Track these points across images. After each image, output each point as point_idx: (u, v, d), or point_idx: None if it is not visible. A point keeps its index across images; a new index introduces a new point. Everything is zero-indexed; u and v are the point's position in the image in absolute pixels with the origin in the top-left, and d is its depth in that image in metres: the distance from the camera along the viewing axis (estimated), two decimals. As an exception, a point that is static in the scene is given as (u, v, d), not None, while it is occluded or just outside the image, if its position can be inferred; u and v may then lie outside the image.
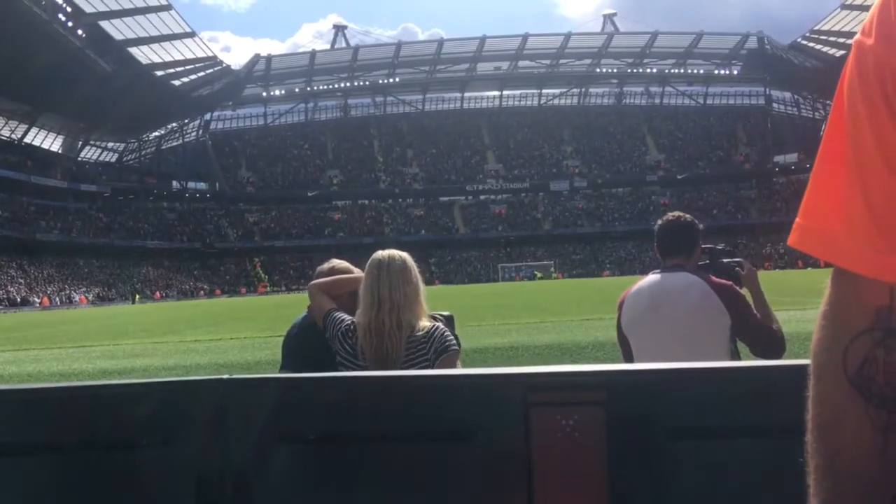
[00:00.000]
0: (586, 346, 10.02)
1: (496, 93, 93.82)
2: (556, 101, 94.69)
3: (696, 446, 1.54)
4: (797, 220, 0.68)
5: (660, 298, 2.79)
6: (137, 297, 59.80)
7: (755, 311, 2.74)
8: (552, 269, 71.74)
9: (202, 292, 66.99)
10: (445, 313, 2.76)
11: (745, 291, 2.82)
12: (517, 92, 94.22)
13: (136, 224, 73.23)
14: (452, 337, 2.43)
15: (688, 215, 2.94)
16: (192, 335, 16.40)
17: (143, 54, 61.73)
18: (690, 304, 2.69)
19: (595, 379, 1.62)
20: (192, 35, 62.67)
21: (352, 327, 2.46)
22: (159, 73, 65.89)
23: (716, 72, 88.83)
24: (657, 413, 1.55)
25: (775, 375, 1.58)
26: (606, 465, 1.51)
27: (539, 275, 69.78)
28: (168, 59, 64.06)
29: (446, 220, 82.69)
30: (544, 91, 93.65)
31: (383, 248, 2.61)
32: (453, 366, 2.38)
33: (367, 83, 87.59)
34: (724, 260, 2.98)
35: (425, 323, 2.41)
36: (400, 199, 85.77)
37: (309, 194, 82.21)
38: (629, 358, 2.86)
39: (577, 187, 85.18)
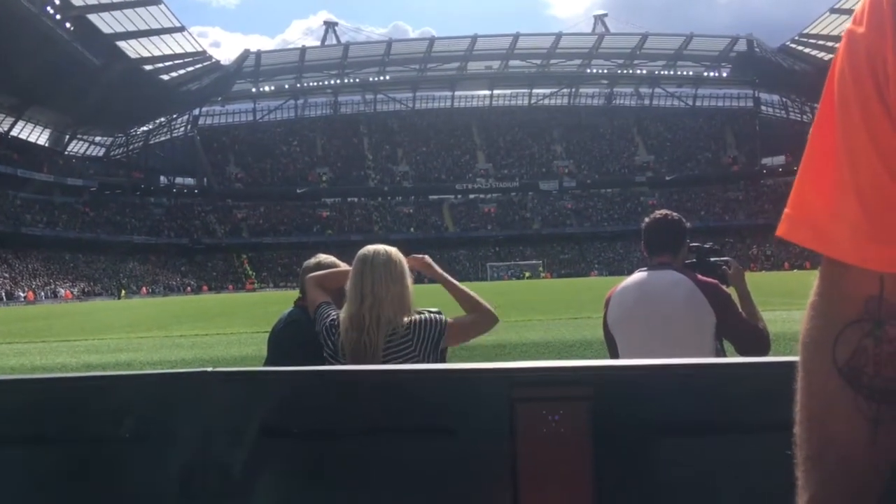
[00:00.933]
0: (573, 343, 10.05)
1: (487, 92, 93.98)
2: (546, 101, 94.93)
3: (683, 442, 1.54)
4: (786, 210, 0.67)
5: (646, 296, 2.79)
6: (123, 292, 59.43)
7: (741, 310, 2.75)
8: (540, 269, 71.92)
9: (189, 288, 66.66)
10: (434, 310, 2.76)
11: (731, 290, 2.83)
12: (508, 91, 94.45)
13: (122, 219, 72.75)
14: (432, 314, 2.42)
15: (675, 213, 2.93)
16: (178, 330, 16.32)
17: (132, 48, 61.34)
18: (676, 303, 2.69)
19: (580, 374, 1.62)
20: (181, 30, 62.30)
21: (335, 322, 2.45)
22: (148, 67, 65.49)
23: (705, 74, 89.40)
24: (643, 408, 1.55)
25: (761, 372, 1.58)
26: (592, 460, 1.50)
27: (527, 274, 69.95)
28: (157, 53, 63.71)
29: (435, 219, 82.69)
30: (535, 91, 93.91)
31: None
32: (460, 329, 2.45)
33: (358, 80, 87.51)
34: (711, 259, 2.98)
35: (404, 319, 2.39)
36: (389, 198, 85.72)
37: (298, 191, 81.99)
38: (615, 355, 2.86)
39: (567, 187, 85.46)
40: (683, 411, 1.55)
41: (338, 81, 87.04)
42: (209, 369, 1.71)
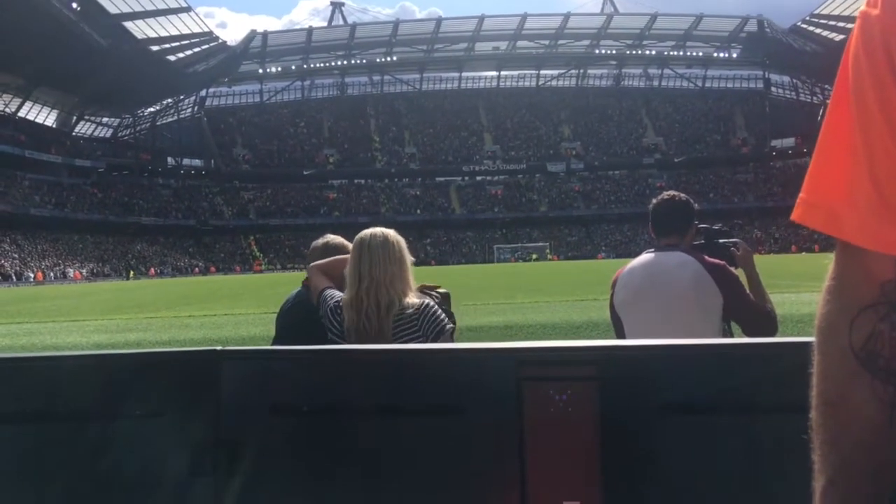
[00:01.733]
0: (580, 325, 10.06)
1: (494, 73, 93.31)
2: (554, 83, 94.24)
3: (689, 422, 1.54)
4: (801, 195, 0.67)
5: (653, 278, 2.78)
6: (132, 273, 59.76)
7: (748, 292, 2.74)
8: (547, 251, 71.85)
9: (197, 269, 66.95)
10: (442, 290, 2.77)
11: (739, 272, 2.82)
12: (515, 72, 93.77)
13: (130, 200, 72.94)
14: (444, 315, 2.43)
15: (683, 195, 2.91)
16: (187, 311, 16.40)
17: (139, 28, 61.12)
18: (683, 284, 2.68)
19: (588, 354, 1.63)
20: (187, 10, 62.07)
21: (339, 304, 2.49)
22: (154, 47, 65.28)
23: (715, 55, 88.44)
24: (650, 389, 1.56)
25: (768, 353, 1.58)
26: (599, 439, 1.51)
27: (535, 256, 69.91)
28: (163, 33, 63.46)
29: (442, 201, 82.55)
30: (542, 72, 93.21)
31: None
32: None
33: (365, 61, 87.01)
34: (720, 240, 2.97)
35: (413, 300, 2.41)
36: (396, 179, 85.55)
37: (305, 173, 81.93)
38: (622, 337, 2.86)
39: (574, 169, 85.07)
40: (690, 392, 1.56)
41: (344, 62, 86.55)
42: (218, 348, 1.73)
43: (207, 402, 1.69)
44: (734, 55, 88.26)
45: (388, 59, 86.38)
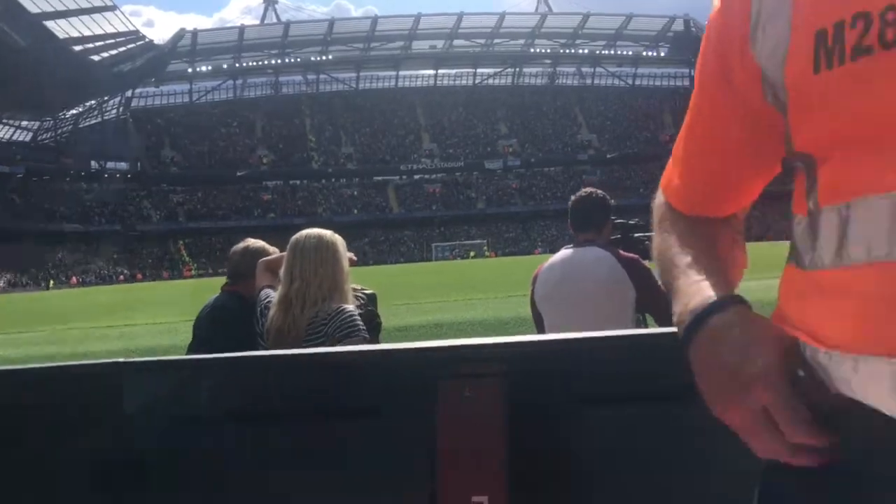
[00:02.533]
0: (508, 321, 10.14)
1: (431, 72, 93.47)
2: (490, 81, 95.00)
3: (599, 413, 1.58)
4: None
5: (570, 273, 2.84)
6: (52, 282, 57.35)
7: (661, 284, 2.82)
8: (485, 248, 72.38)
9: (121, 277, 64.64)
10: (368, 291, 2.77)
11: (653, 264, 2.89)
12: (452, 71, 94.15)
13: (51, 206, 69.79)
14: (359, 322, 2.40)
15: (599, 191, 2.99)
16: (107, 321, 15.82)
17: (61, 28, 58.86)
18: (599, 278, 2.75)
19: (497, 351, 1.65)
20: (112, 9, 60.15)
21: (270, 304, 2.48)
22: (77, 47, 62.94)
23: (644, 53, 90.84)
24: (559, 382, 1.59)
25: (673, 341, 1.63)
26: (508, 434, 1.53)
27: (472, 253, 70.31)
28: (87, 33, 61.33)
29: (380, 200, 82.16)
30: (479, 70, 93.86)
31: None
32: None
33: (299, 60, 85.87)
34: (635, 234, 3.06)
35: (334, 304, 2.39)
36: (333, 179, 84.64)
37: (238, 174, 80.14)
38: (542, 331, 2.91)
39: (511, 166, 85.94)
40: (599, 383, 1.59)
41: (278, 61, 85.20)
42: (121, 360, 1.68)
43: (111, 416, 1.64)
44: (662, 54, 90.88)
45: (324, 57, 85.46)
